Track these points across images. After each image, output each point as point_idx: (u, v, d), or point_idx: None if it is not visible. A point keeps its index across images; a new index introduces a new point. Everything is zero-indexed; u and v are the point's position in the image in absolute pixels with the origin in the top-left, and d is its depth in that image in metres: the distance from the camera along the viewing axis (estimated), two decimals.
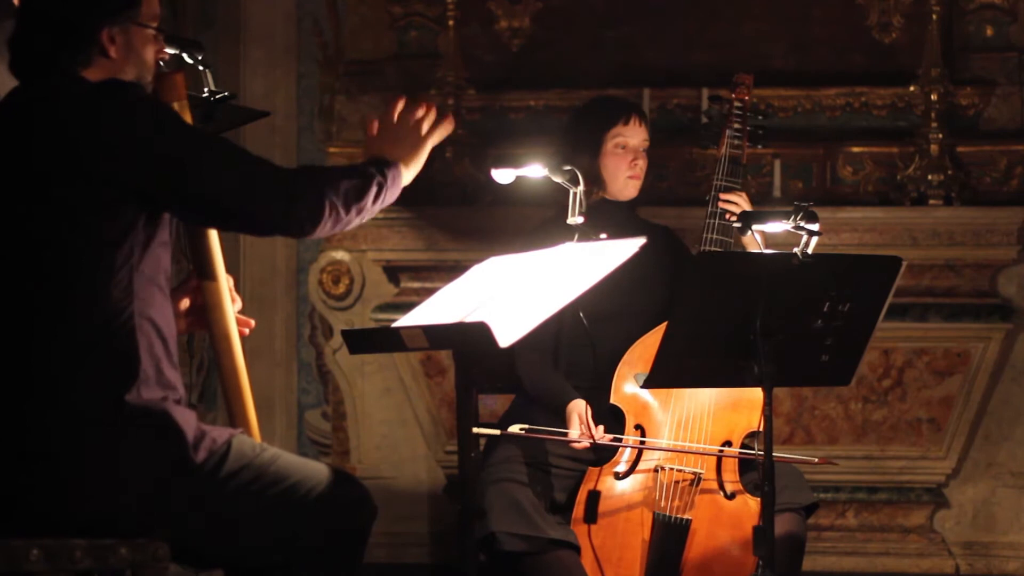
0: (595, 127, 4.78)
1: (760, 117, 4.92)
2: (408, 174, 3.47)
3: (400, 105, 3.49)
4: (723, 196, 4.71)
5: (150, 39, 3.38)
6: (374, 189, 3.38)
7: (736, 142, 4.82)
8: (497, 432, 4.46)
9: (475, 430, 4.42)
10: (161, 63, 3.45)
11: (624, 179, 4.77)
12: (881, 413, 6.13)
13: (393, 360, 6.30)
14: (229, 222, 3.39)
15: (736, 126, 4.83)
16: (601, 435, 4.45)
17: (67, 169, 3.22)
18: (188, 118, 3.48)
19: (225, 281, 3.54)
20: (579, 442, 4.46)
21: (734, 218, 4.63)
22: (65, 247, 3.22)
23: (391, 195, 3.43)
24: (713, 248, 4.67)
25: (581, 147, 4.73)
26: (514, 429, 4.46)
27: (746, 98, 4.87)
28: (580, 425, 4.47)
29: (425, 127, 3.49)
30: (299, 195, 3.30)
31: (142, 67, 3.37)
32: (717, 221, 4.70)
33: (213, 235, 3.53)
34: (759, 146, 4.94)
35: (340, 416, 6.42)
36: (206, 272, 3.53)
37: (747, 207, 4.68)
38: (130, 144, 3.23)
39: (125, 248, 3.24)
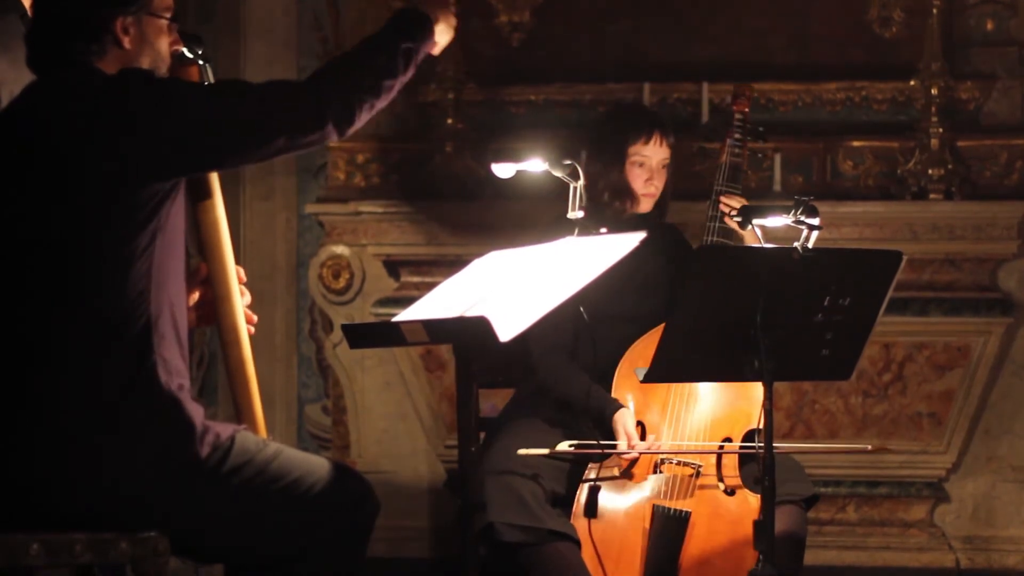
0: (617, 140, 4.71)
1: (761, 128, 4.90)
2: (441, 33, 3.47)
3: None
4: (723, 200, 4.70)
5: (164, 30, 3.38)
6: (401, 61, 3.39)
7: (736, 151, 4.81)
8: (545, 452, 4.42)
9: (521, 451, 4.43)
10: (175, 54, 3.45)
11: (639, 195, 4.71)
12: (881, 407, 6.13)
13: (393, 355, 6.30)
14: (274, 151, 3.36)
15: (737, 136, 4.83)
16: (646, 444, 4.45)
17: (85, 156, 3.20)
18: None
19: (235, 274, 3.53)
20: (627, 454, 4.44)
21: (734, 217, 4.64)
22: (85, 235, 3.21)
23: (423, 51, 3.43)
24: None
25: (606, 159, 4.68)
26: (563, 447, 4.44)
27: (746, 110, 4.88)
28: (627, 437, 4.45)
29: None
30: (326, 106, 3.30)
31: (156, 58, 3.37)
32: (717, 224, 4.71)
33: (223, 227, 3.52)
34: (760, 141, 4.94)
35: (340, 410, 6.42)
36: (216, 264, 3.52)
37: None
38: (157, 112, 3.23)
39: (145, 236, 3.22)
